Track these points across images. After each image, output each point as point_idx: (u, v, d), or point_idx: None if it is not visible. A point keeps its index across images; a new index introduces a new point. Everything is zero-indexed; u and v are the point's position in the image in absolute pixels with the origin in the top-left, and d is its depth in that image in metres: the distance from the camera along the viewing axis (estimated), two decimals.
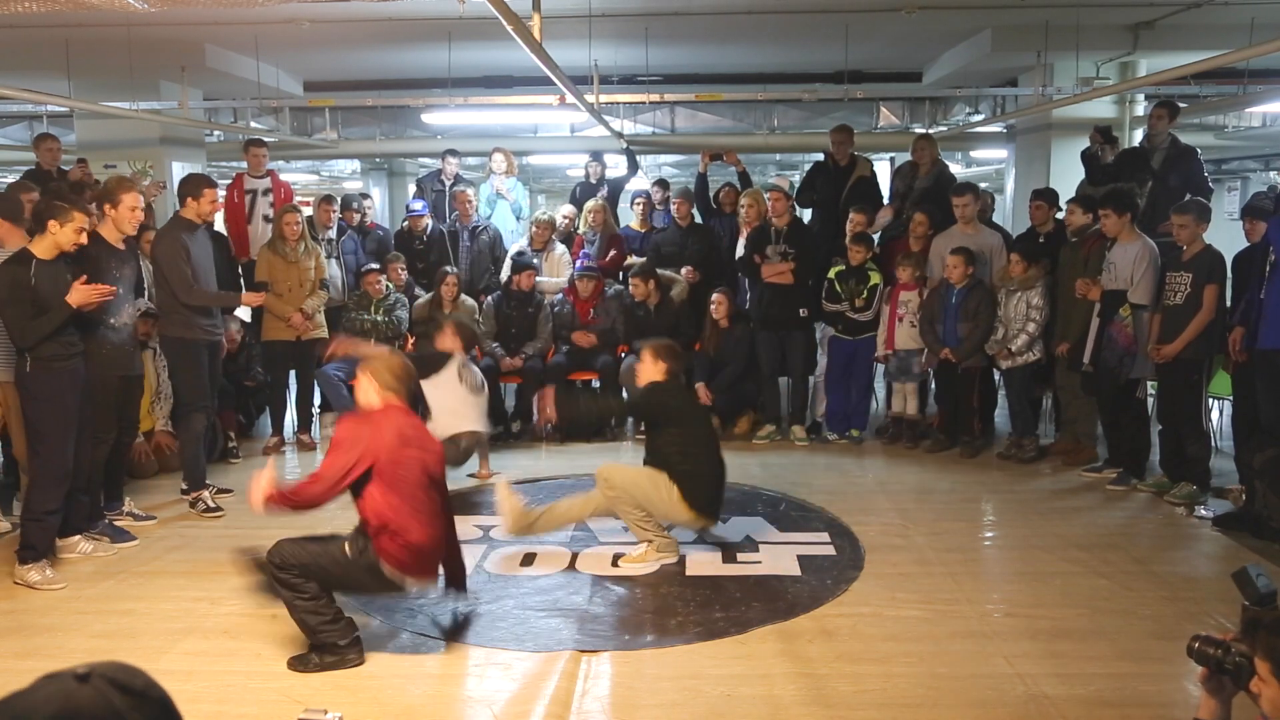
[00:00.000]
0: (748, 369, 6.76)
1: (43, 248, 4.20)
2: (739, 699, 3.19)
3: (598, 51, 7.61)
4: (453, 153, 8.32)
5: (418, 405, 4.47)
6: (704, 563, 4.45)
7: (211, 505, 5.24)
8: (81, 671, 1.04)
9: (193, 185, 5.26)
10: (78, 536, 4.55)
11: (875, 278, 6.51)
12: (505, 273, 7.20)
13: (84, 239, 4.28)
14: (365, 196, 8.72)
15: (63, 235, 4.19)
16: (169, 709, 1.10)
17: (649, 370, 4.68)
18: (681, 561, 4.45)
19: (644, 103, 9.50)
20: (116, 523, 4.88)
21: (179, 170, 8.22)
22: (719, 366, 6.77)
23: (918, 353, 6.45)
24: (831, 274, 6.59)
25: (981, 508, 5.36)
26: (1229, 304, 5.37)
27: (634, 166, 9.02)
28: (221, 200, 6.39)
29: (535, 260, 7.32)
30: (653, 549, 4.47)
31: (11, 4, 4.30)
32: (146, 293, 5.48)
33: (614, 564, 4.44)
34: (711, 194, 7.90)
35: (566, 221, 7.71)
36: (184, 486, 5.39)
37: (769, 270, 6.56)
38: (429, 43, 7.90)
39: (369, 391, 3.51)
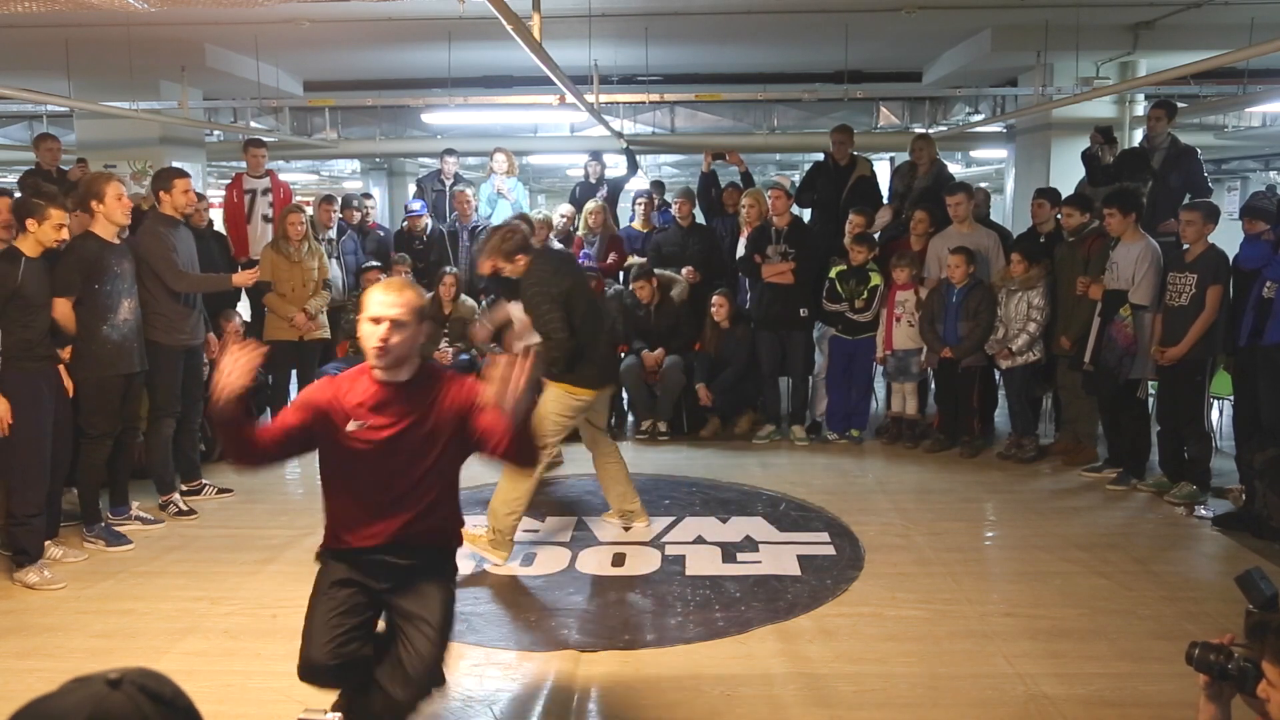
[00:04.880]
0: (748, 369, 6.77)
1: (29, 246, 4.20)
2: (739, 699, 3.19)
3: (598, 51, 7.61)
4: (450, 152, 8.32)
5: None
6: (704, 563, 4.45)
7: (184, 509, 5.19)
8: (113, 677, 1.04)
9: (162, 179, 5.15)
10: (47, 541, 4.43)
11: (876, 278, 6.51)
12: None
13: (65, 234, 4.25)
14: (367, 196, 8.70)
15: (42, 233, 4.18)
16: (194, 717, 1.11)
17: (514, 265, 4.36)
18: (681, 561, 4.46)
19: (644, 103, 9.50)
20: (122, 528, 4.84)
21: (166, 168, 8.21)
22: (720, 367, 6.78)
23: (916, 352, 6.45)
24: (832, 274, 6.59)
25: (981, 508, 5.36)
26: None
27: (634, 166, 9.02)
28: (212, 197, 6.33)
29: None
30: (484, 540, 4.39)
31: (11, 4, 4.30)
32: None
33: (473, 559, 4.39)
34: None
35: (565, 220, 7.71)
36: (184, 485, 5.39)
37: (769, 270, 6.56)
38: (429, 43, 7.90)
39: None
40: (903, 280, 6.45)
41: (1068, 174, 7.58)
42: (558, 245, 7.45)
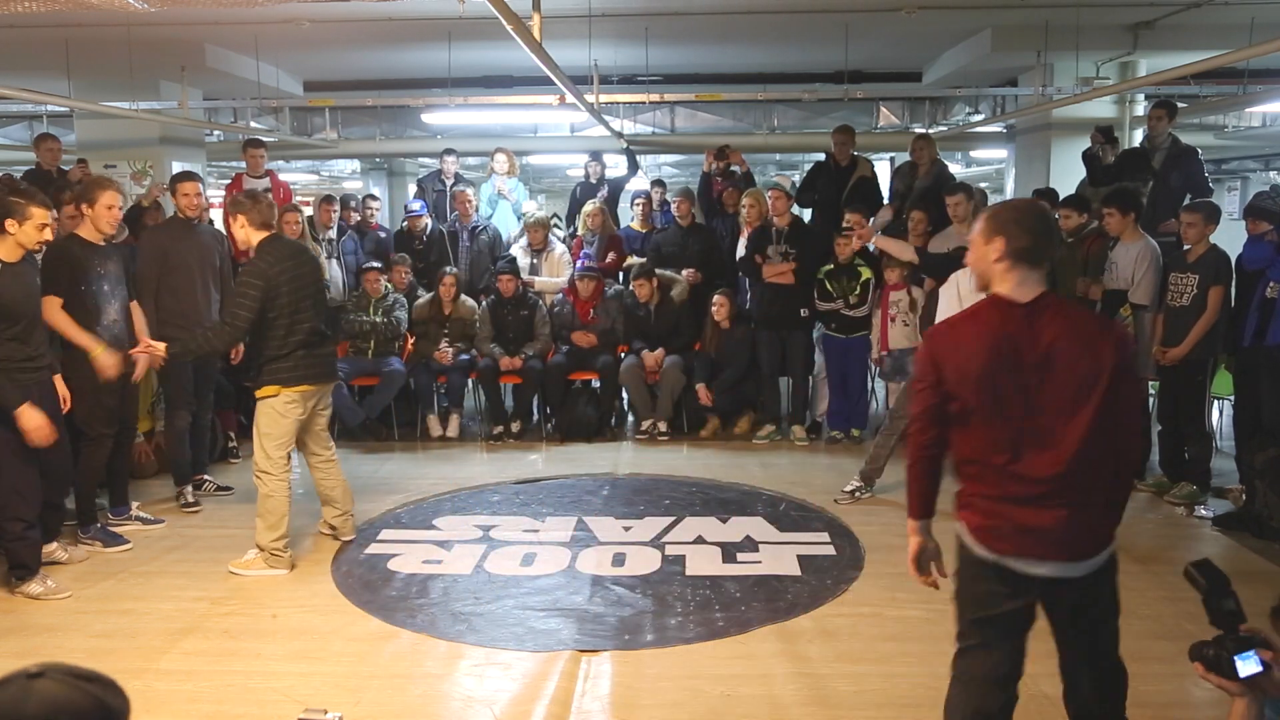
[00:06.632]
0: (748, 369, 6.77)
1: (7, 249, 3.92)
2: (739, 699, 3.19)
3: (598, 51, 7.61)
4: (451, 152, 8.31)
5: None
6: (704, 563, 4.45)
7: (189, 500, 5.23)
8: (34, 670, 1.03)
9: (170, 182, 5.22)
10: (54, 544, 4.42)
11: (866, 273, 6.51)
12: None
13: (48, 235, 4.01)
14: (372, 198, 8.66)
15: (24, 234, 3.92)
16: (117, 686, 1.14)
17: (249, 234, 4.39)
18: (681, 561, 4.45)
19: (644, 103, 9.51)
20: (122, 528, 4.84)
21: (179, 170, 8.22)
22: (720, 367, 6.78)
23: (912, 351, 6.44)
24: (821, 274, 6.58)
25: None
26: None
27: (634, 166, 9.02)
28: (212, 197, 6.31)
29: (533, 260, 7.33)
30: (260, 558, 4.34)
31: (11, 4, 4.30)
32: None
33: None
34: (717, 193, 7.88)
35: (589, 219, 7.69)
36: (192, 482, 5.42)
37: (770, 270, 6.56)
38: (429, 43, 7.90)
39: None
40: (895, 280, 6.44)
41: (1068, 174, 7.58)
42: (560, 246, 7.48)
